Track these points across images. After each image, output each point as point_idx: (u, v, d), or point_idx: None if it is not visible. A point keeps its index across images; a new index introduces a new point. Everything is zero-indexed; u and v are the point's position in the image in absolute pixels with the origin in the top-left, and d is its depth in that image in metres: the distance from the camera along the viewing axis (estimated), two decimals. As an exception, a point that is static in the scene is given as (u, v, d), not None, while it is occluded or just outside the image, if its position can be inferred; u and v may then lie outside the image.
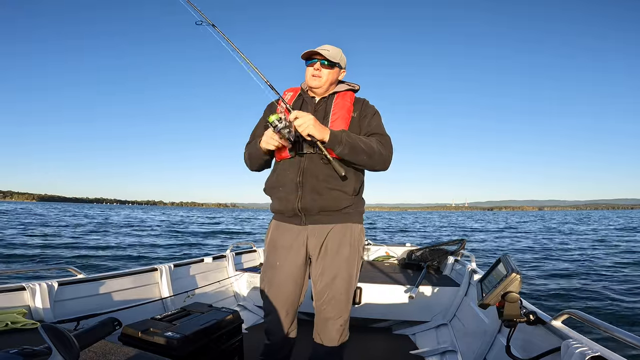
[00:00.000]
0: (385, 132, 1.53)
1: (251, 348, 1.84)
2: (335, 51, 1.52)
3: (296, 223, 1.51)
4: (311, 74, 1.52)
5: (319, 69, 1.50)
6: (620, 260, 9.22)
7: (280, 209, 1.52)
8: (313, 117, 1.33)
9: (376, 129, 1.51)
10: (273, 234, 1.58)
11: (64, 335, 0.72)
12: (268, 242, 1.60)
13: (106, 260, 8.83)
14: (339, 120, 1.49)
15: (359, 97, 1.61)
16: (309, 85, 1.55)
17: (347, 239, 1.49)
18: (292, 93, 1.62)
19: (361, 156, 1.40)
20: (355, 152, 1.38)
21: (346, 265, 1.48)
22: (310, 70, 1.52)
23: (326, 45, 1.52)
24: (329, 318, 1.48)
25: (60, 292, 1.78)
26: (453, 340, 2.27)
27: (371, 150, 1.41)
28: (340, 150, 1.36)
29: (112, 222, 24.25)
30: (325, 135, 1.34)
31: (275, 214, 1.60)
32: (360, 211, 1.56)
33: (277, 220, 1.59)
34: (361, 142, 1.39)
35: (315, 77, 1.51)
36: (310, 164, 1.45)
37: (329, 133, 1.35)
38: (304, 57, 1.53)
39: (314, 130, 1.32)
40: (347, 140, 1.36)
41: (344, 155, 1.38)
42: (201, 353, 1.46)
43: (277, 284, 1.51)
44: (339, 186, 1.46)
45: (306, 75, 1.55)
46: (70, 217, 28.85)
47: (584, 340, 1.19)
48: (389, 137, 1.52)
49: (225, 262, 3.06)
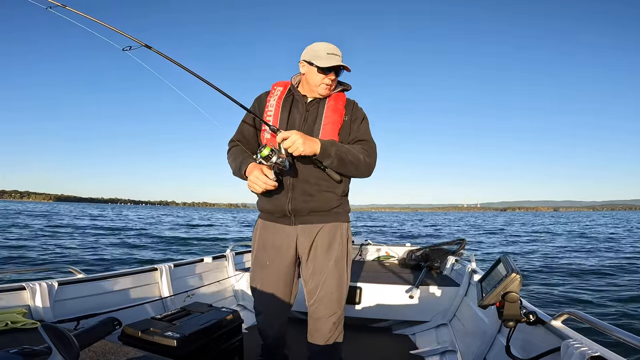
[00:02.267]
0: (371, 139, 1.55)
1: (251, 348, 1.84)
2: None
3: (286, 223, 1.51)
4: (326, 83, 1.46)
5: (335, 80, 1.49)
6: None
7: (270, 209, 1.52)
8: (300, 134, 1.31)
9: (363, 136, 1.52)
10: (262, 233, 1.57)
11: (64, 335, 0.72)
12: (257, 242, 1.59)
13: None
14: (331, 124, 1.47)
15: (349, 98, 1.59)
16: (320, 93, 1.49)
17: (337, 237, 1.51)
18: (282, 88, 1.57)
19: (349, 167, 1.43)
20: (343, 164, 1.41)
21: (336, 263, 1.49)
22: (324, 79, 1.45)
23: (335, 48, 1.46)
24: (320, 317, 1.49)
25: (60, 292, 1.78)
26: (453, 340, 2.27)
27: (358, 162, 1.43)
28: (329, 162, 1.38)
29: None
30: (316, 148, 1.34)
31: (264, 213, 1.58)
32: (347, 210, 1.58)
33: (265, 220, 1.58)
34: (349, 155, 1.41)
35: (328, 87, 1.48)
36: (300, 166, 1.45)
37: (319, 146, 1.34)
38: (330, 68, 1.44)
39: (304, 147, 1.31)
40: (336, 153, 1.37)
41: (333, 167, 1.41)
42: (201, 353, 1.46)
43: (268, 284, 1.52)
44: (330, 188, 1.47)
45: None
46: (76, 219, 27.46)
47: (583, 340, 1.19)
48: (374, 144, 1.54)
49: (225, 261, 3.06)
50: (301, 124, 1.47)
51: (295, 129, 1.43)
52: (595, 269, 7.93)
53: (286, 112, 1.50)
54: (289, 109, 1.50)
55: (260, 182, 1.34)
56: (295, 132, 1.32)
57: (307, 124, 1.48)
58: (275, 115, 1.49)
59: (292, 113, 1.50)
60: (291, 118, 1.49)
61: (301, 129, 1.45)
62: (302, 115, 1.49)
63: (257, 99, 1.60)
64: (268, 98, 1.55)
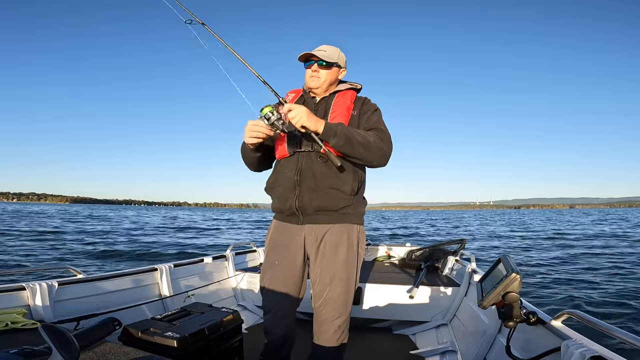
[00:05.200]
0: (385, 128, 1.50)
1: (251, 348, 1.84)
2: (332, 50, 1.53)
3: (294, 222, 1.52)
4: (309, 75, 1.55)
5: (317, 70, 1.53)
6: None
7: (279, 207, 1.53)
8: (306, 109, 1.33)
9: (375, 125, 1.48)
10: (273, 233, 1.59)
11: (64, 335, 0.72)
12: (268, 241, 1.61)
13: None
14: (338, 117, 1.49)
15: (360, 96, 1.62)
16: (309, 86, 1.57)
17: (345, 240, 1.48)
18: (295, 94, 1.65)
19: (358, 149, 1.36)
20: (351, 143, 1.34)
21: (344, 266, 1.47)
22: (308, 72, 1.55)
23: (323, 45, 1.54)
24: (326, 319, 1.47)
25: (60, 292, 1.78)
26: (453, 340, 2.27)
27: (368, 143, 1.37)
28: (335, 141, 1.33)
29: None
30: (319, 126, 1.33)
31: (276, 213, 1.60)
32: (360, 212, 1.54)
33: (277, 220, 1.60)
34: (357, 135, 1.36)
35: (314, 77, 1.53)
36: (307, 162, 1.45)
37: (323, 124, 1.34)
38: (302, 60, 1.56)
39: (307, 121, 1.30)
40: (342, 131, 1.33)
41: (340, 147, 1.35)
42: (201, 353, 1.46)
43: (276, 283, 1.52)
44: (336, 185, 1.44)
45: (305, 77, 1.58)
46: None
47: (584, 340, 1.19)
48: (388, 133, 1.49)
49: (225, 262, 3.06)
50: None
51: None
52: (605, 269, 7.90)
53: None
54: None
55: (249, 128, 1.37)
56: (302, 106, 1.34)
57: None
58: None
59: None
60: None
61: None
62: (312, 111, 1.51)
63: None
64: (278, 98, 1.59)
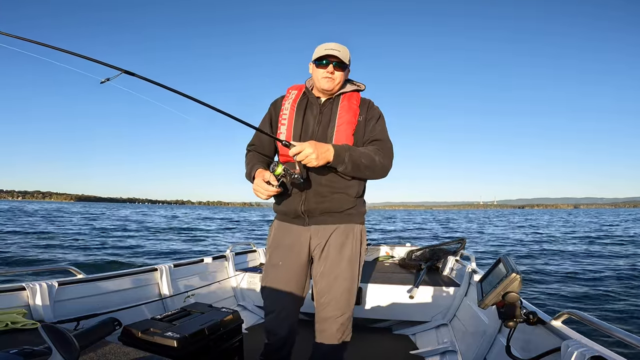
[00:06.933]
0: (387, 138, 1.53)
1: (251, 348, 1.84)
2: (345, 51, 1.48)
3: (299, 224, 1.52)
4: (324, 76, 1.46)
5: (333, 72, 1.46)
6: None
7: (284, 210, 1.53)
8: (313, 146, 1.29)
9: (379, 135, 1.50)
10: (276, 234, 1.59)
11: (64, 335, 0.72)
12: (271, 242, 1.60)
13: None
14: (345, 125, 1.47)
15: (364, 97, 1.59)
16: (322, 87, 1.49)
17: (350, 239, 1.50)
18: (297, 91, 1.58)
19: (364, 172, 1.43)
20: (358, 169, 1.40)
21: (348, 265, 1.49)
22: (322, 72, 1.47)
23: (333, 44, 1.47)
24: (329, 317, 1.48)
25: (60, 292, 1.78)
26: (453, 340, 2.27)
27: (373, 165, 1.42)
28: (343, 168, 1.38)
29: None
30: (329, 157, 1.32)
31: (278, 214, 1.60)
32: (361, 212, 1.57)
33: (280, 221, 1.59)
34: (364, 159, 1.40)
35: (329, 79, 1.47)
36: (313, 169, 1.44)
37: (332, 154, 1.33)
38: (318, 58, 1.47)
39: (318, 161, 1.30)
40: (349, 158, 1.36)
41: (347, 172, 1.40)
42: (201, 353, 1.46)
43: (279, 283, 1.52)
44: (343, 189, 1.47)
45: (316, 76, 1.49)
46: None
47: (584, 340, 1.19)
48: (390, 144, 1.52)
49: (225, 262, 3.06)
50: (315, 127, 1.49)
51: (309, 132, 1.47)
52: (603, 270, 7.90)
53: (300, 115, 1.51)
54: (303, 112, 1.52)
55: (261, 190, 1.39)
56: (309, 144, 1.29)
57: (322, 126, 1.48)
58: (289, 119, 1.51)
59: (307, 115, 1.51)
60: (305, 121, 1.50)
61: (315, 132, 1.47)
62: (316, 117, 1.50)
63: (273, 104, 1.62)
64: (283, 102, 1.56)
